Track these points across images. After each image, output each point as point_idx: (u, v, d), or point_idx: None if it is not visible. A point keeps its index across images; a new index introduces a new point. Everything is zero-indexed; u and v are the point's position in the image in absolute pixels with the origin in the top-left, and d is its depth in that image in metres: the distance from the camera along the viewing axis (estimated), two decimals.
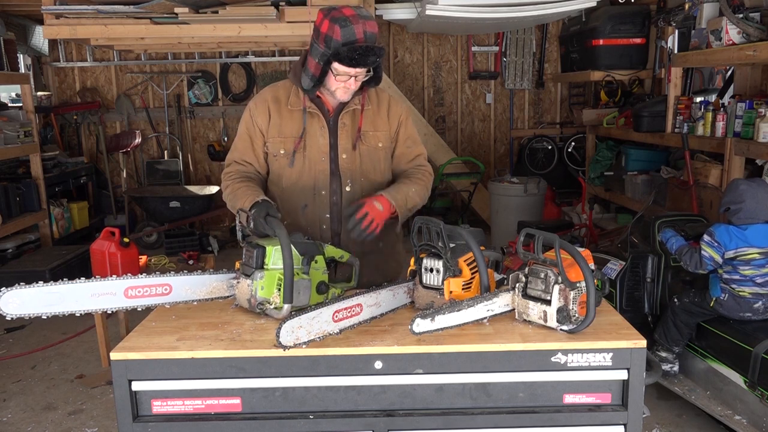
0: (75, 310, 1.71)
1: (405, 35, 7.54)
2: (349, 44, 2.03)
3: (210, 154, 7.57)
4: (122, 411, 1.68)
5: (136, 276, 1.80)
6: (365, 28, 2.05)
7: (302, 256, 1.88)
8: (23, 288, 1.64)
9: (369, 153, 2.32)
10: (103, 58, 7.52)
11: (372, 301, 1.81)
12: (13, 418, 3.51)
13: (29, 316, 1.65)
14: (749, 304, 3.05)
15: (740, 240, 3.01)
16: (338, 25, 2.03)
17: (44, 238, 6.27)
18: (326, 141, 2.28)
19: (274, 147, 2.30)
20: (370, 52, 2.05)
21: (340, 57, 2.05)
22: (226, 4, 4.91)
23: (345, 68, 2.09)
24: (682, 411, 3.39)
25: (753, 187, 3.03)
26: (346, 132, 2.29)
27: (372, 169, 2.34)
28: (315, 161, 2.28)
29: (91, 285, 1.73)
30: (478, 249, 1.86)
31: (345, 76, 2.13)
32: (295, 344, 1.63)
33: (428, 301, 1.89)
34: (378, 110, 2.34)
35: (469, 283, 1.87)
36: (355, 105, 2.29)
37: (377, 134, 2.33)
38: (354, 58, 2.04)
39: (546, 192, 6.60)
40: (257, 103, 2.33)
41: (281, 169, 2.32)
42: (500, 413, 1.70)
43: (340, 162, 2.29)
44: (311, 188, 2.30)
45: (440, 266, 1.87)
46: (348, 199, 2.30)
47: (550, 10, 5.32)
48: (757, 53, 3.84)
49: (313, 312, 1.67)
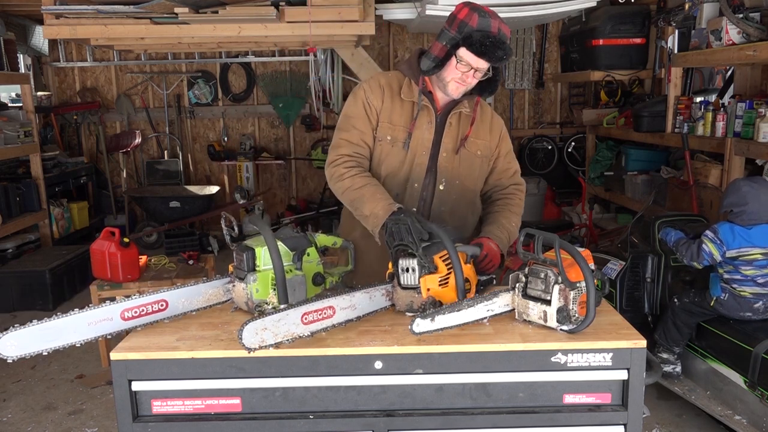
0: (75, 341, 1.70)
1: (405, 35, 7.54)
2: (483, 32, 2.03)
3: (210, 154, 7.56)
4: (122, 411, 1.68)
5: (130, 297, 1.79)
6: (501, 27, 2.06)
7: (293, 252, 1.87)
8: (19, 329, 1.62)
9: (468, 158, 2.31)
10: (103, 58, 7.52)
11: (345, 303, 1.79)
12: (13, 418, 3.51)
13: (30, 355, 1.65)
14: (750, 303, 3.05)
15: (744, 240, 3.00)
16: (477, 14, 2.04)
17: (44, 238, 6.27)
18: (430, 136, 2.26)
19: (382, 132, 2.26)
20: (500, 45, 2.04)
21: (470, 41, 2.03)
22: (226, 4, 4.91)
23: (470, 56, 2.06)
24: (682, 411, 3.39)
25: (755, 188, 3.00)
26: (451, 132, 2.28)
27: (468, 175, 2.32)
28: (416, 154, 2.26)
29: (87, 314, 1.72)
30: (450, 243, 1.84)
31: (467, 66, 2.09)
32: (260, 346, 1.61)
33: (407, 302, 1.87)
34: (482, 119, 2.33)
35: (446, 279, 1.84)
36: (465, 108, 2.27)
37: (478, 142, 2.32)
38: (485, 45, 2.02)
39: (546, 192, 6.61)
40: (371, 86, 2.28)
41: (382, 155, 2.28)
42: (500, 413, 1.70)
43: (439, 159, 2.28)
44: (406, 179, 2.28)
45: (416, 265, 1.85)
46: (439, 198, 2.29)
47: (550, 10, 5.31)
48: (757, 53, 3.84)
49: (278, 314, 1.65)
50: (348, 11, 4.93)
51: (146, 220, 7.19)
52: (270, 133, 7.80)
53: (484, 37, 2.02)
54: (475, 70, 2.11)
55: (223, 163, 7.52)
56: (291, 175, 7.81)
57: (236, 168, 7.46)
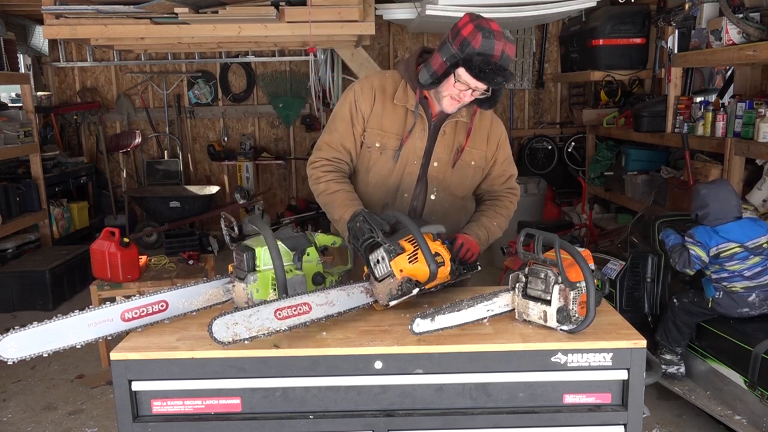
0: (75, 342, 1.70)
1: (405, 35, 7.54)
2: (485, 56, 1.95)
3: (210, 154, 7.57)
4: (122, 411, 1.68)
5: (131, 298, 1.79)
6: (504, 49, 1.96)
7: (293, 252, 1.87)
8: (19, 331, 1.62)
9: (461, 168, 2.26)
10: (103, 58, 7.52)
11: (322, 300, 1.79)
12: (13, 418, 3.51)
13: (30, 357, 1.65)
14: (744, 298, 3.09)
15: (719, 237, 3.10)
16: (481, 34, 1.94)
17: (44, 238, 6.27)
18: (423, 145, 2.21)
19: (371, 138, 2.21)
20: (500, 72, 1.96)
21: (470, 65, 1.95)
22: (226, 4, 4.91)
23: (469, 78, 1.99)
24: (682, 411, 3.39)
25: (714, 190, 3.16)
26: (445, 140, 2.22)
27: (459, 185, 2.29)
28: (407, 163, 2.22)
29: (87, 315, 1.72)
30: (407, 218, 1.85)
31: (464, 86, 2.03)
32: (234, 340, 1.62)
33: (387, 291, 1.85)
34: (480, 127, 2.27)
35: (414, 255, 1.82)
36: (461, 117, 2.21)
37: (473, 152, 2.26)
38: (484, 71, 1.95)
39: (546, 192, 6.60)
40: (363, 88, 2.21)
41: (370, 162, 2.24)
42: (500, 413, 1.70)
43: (430, 169, 2.23)
44: (396, 188, 2.24)
45: (383, 253, 1.83)
46: (430, 207, 2.26)
47: (550, 10, 5.31)
48: (757, 53, 3.85)
49: (249, 309, 1.65)
50: (348, 11, 4.93)
51: (146, 220, 7.19)
52: (270, 133, 7.80)
53: (485, 62, 1.94)
54: (473, 89, 2.05)
55: (223, 163, 7.52)
56: (291, 175, 7.81)
57: (236, 168, 7.46)
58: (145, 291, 2.01)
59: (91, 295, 3.88)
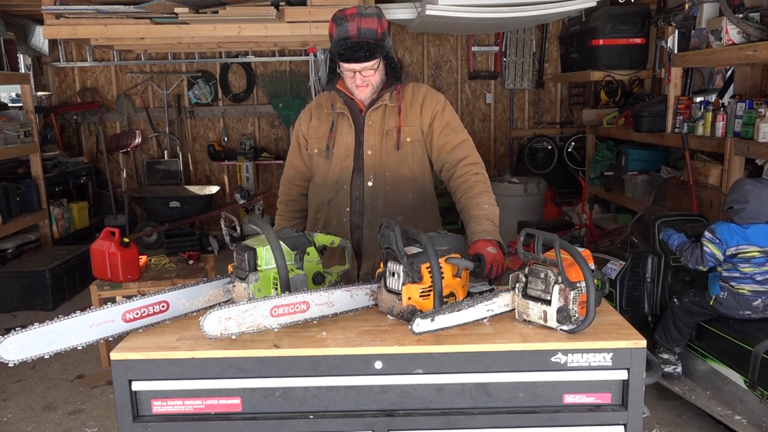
0: (76, 344, 1.70)
1: (405, 35, 7.54)
2: (343, 41, 2.11)
3: (210, 154, 7.57)
4: (122, 411, 1.68)
5: (132, 299, 1.79)
6: (359, 25, 2.10)
7: (294, 251, 1.87)
8: (21, 332, 1.62)
9: (402, 148, 2.34)
10: (103, 58, 7.52)
11: (322, 300, 1.79)
12: (13, 418, 3.51)
13: (31, 358, 1.65)
14: (749, 301, 3.06)
15: (741, 238, 3.02)
16: (335, 24, 2.13)
17: (44, 238, 6.27)
18: (352, 139, 2.34)
19: (311, 147, 2.42)
20: (358, 47, 2.11)
21: (336, 52, 2.15)
22: (226, 4, 4.91)
23: (343, 64, 2.18)
24: (682, 411, 3.39)
25: (758, 188, 3.03)
26: (372, 129, 2.33)
27: (399, 164, 2.35)
28: (340, 158, 2.35)
29: (88, 317, 1.71)
30: (434, 257, 1.79)
31: (349, 72, 2.21)
32: (222, 335, 1.63)
33: (389, 305, 1.85)
34: (411, 105, 2.35)
35: (429, 291, 1.80)
36: (385, 102, 2.32)
37: (407, 129, 2.34)
38: (341, 54, 2.13)
39: (546, 192, 6.61)
40: (304, 111, 2.49)
41: (315, 167, 2.44)
42: (500, 413, 1.70)
43: (365, 158, 2.34)
44: (335, 183, 2.38)
45: (401, 271, 1.82)
46: (369, 194, 2.34)
47: (550, 10, 5.31)
48: (757, 53, 3.85)
49: (246, 305, 1.66)
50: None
51: (146, 220, 7.19)
52: (270, 133, 7.80)
53: (344, 45, 2.11)
54: (360, 71, 2.20)
55: (223, 163, 7.52)
56: None
57: (236, 168, 7.46)
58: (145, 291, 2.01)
59: (91, 295, 3.88)
